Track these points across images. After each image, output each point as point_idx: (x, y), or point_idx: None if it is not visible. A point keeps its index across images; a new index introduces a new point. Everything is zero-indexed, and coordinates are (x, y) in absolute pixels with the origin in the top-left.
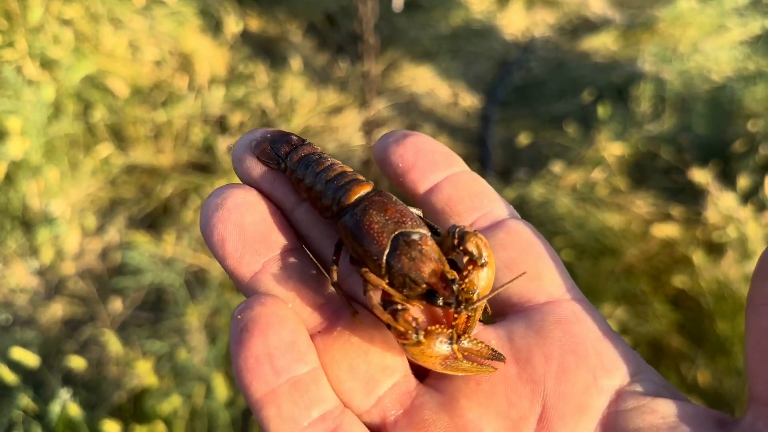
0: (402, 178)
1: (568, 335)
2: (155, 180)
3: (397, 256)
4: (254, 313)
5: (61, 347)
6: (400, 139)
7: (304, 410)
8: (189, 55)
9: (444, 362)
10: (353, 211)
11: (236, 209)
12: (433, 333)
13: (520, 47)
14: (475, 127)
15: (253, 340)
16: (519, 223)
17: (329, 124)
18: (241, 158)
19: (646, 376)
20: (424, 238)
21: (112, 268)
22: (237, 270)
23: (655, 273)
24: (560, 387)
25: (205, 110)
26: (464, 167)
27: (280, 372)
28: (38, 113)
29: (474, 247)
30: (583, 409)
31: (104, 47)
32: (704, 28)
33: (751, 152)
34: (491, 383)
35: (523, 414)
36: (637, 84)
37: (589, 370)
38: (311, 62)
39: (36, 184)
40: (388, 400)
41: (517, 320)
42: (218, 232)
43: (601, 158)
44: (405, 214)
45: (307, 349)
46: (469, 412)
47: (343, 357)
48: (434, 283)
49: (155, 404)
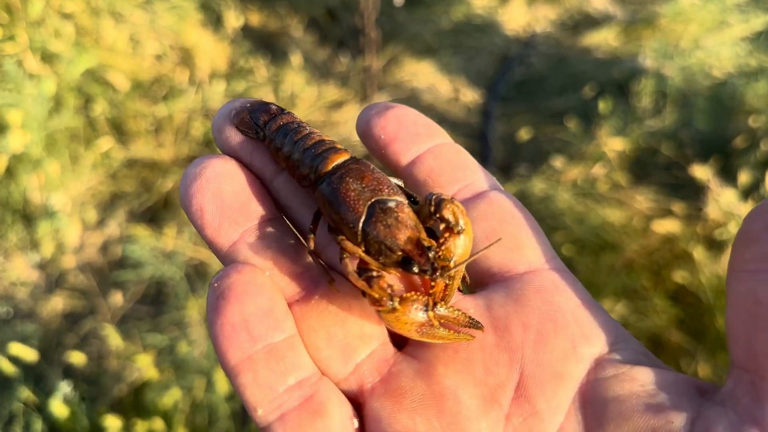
0: (384, 150)
1: (548, 304)
2: (156, 174)
3: (372, 224)
4: (231, 280)
5: (61, 340)
6: (381, 111)
7: (281, 377)
8: (190, 50)
9: (420, 329)
10: (330, 179)
11: (215, 179)
12: (408, 300)
13: (522, 43)
14: (476, 123)
15: (230, 307)
16: (500, 194)
17: (330, 119)
18: (220, 128)
19: (626, 345)
20: (401, 205)
21: (113, 261)
22: (215, 239)
23: (656, 268)
24: (538, 355)
25: (205, 104)
26: (447, 138)
27: (256, 339)
28: (39, 107)
29: (450, 214)
30: (561, 377)
31: (105, 41)
32: (705, 25)
33: (751, 148)
34: (469, 351)
35: (500, 381)
36: (638, 80)
37: (568, 338)
38: (312, 57)
39: (37, 177)
40: (365, 367)
41: (497, 289)
42: (197, 202)
43: (601, 154)
44: (382, 182)
45: (285, 317)
46: (445, 379)
47: (321, 325)
48: (410, 250)
49: (156, 397)
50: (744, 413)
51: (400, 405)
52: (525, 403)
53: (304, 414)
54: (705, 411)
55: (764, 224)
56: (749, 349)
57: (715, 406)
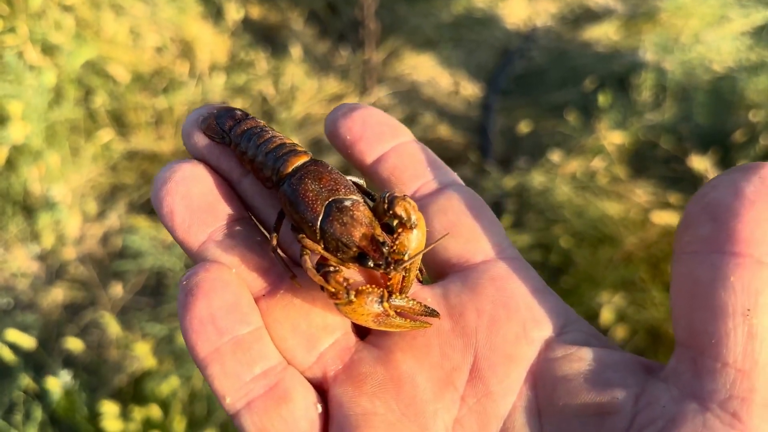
0: (350, 149)
1: (500, 291)
2: (156, 166)
3: (329, 222)
4: (198, 278)
5: (61, 331)
6: (347, 112)
7: (247, 367)
8: (190, 42)
9: (376, 319)
10: (290, 180)
11: (183, 182)
12: (363, 292)
13: (522, 36)
14: (476, 116)
15: (197, 303)
16: (460, 188)
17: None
18: (189, 133)
19: (576, 327)
20: (356, 204)
21: (113, 253)
22: (186, 240)
23: (654, 261)
24: (491, 339)
25: (205, 97)
26: (410, 137)
27: (223, 332)
28: (39, 98)
29: (402, 211)
30: (512, 359)
31: (105, 33)
32: (706, 19)
33: (751, 142)
34: (426, 337)
35: (455, 365)
36: (638, 73)
37: (519, 322)
38: (312, 50)
39: (37, 169)
40: (328, 356)
41: (455, 279)
42: (167, 204)
43: (601, 147)
44: (339, 182)
45: (250, 311)
46: (403, 365)
47: (286, 317)
48: (365, 246)
49: (155, 386)
50: (685, 388)
51: (360, 390)
52: (479, 384)
53: (270, 401)
54: (649, 387)
55: (701, 208)
56: (690, 327)
57: (659, 382)
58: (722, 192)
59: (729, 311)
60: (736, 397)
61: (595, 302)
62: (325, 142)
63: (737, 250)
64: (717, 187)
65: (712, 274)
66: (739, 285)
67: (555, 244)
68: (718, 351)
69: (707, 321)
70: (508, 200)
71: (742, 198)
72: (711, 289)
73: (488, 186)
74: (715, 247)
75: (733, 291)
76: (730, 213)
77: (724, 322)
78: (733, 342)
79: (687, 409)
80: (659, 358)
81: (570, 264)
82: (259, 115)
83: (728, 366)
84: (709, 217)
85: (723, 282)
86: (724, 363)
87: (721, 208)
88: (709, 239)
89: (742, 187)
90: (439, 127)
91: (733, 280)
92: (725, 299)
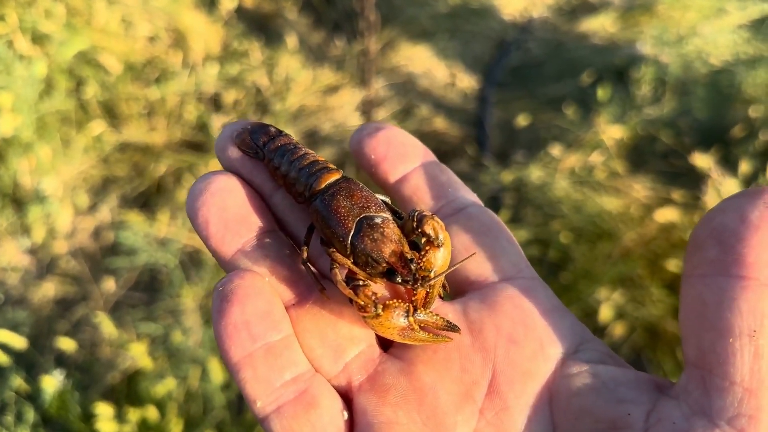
0: (374, 168)
1: (519, 309)
2: (148, 158)
3: (360, 238)
4: (233, 285)
5: (53, 327)
6: (372, 132)
7: (278, 372)
8: (183, 32)
9: (402, 333)
10: (323, 197)
11: (218, 194)
12: (390, 306)
13: (519, 28)
14: (473, 109)
15: (232, 309)
16: (479, 209)
17: (325, 104)
18: (223, 147)
19: (592, 346)
20: (386, 221)
21: (105, 247)
22: (219, 249)
23: (653, 257)
24: (509, 355)
25: (198, 88)
26: (432, 158)
27: (256, 338)
28: (29, 89)
29: (431, 229)
30: (530, 375)
31: (97, 22)
32: (703, 12)
33: (750, 137)
34: (447, 351)
35: (475, 379)
36: (636, 67)
37: (537, 340)
38: (307, 40)
39: (27, 161)
40: (354, 366)
41: (474, 297)
42: (202, 215)
43: (599, 141)
44: (370, 199)
45: (282, 318)
46: (425, 377)
47: (315, 327)
48: (394, 262)
49: (149, 386)
50: (695, 405)
51: (384, 400)
52: (497, 398)
53: (299, 406)
54: (660, 404)
55: (708, 232)
56: (698, 347)
57: (670, 399)
58: (728, 217)
59: (736, 332)
60: (744, 415)
61: (593, 299)
62: (320, 134)
63: (743, 273)
64: (723, 212)
65: (719, 297)
66: (746, 307)
67: (553, 239)
68: (726, 370)
69: (715, 341)
70: (506, 195)
71: (748, 223)
72: (718, 311)
73: (486, 180)
74: (722, 270)
75: (740, 313)
76: (736, 237)
77: (731, 343)
78: (740, 362)
79: (696, 425)
80: (657, 355)
81: (568, 260)
82: (252, 106)
83: (736, 385)
84: (716, 241)
85: (730, 304)
86: (732, 382)
87: (727, 232)
88: (716, 263)
89: (747, 212)
90: (435, 119)
91: (740, 302)
92: (732, 321)
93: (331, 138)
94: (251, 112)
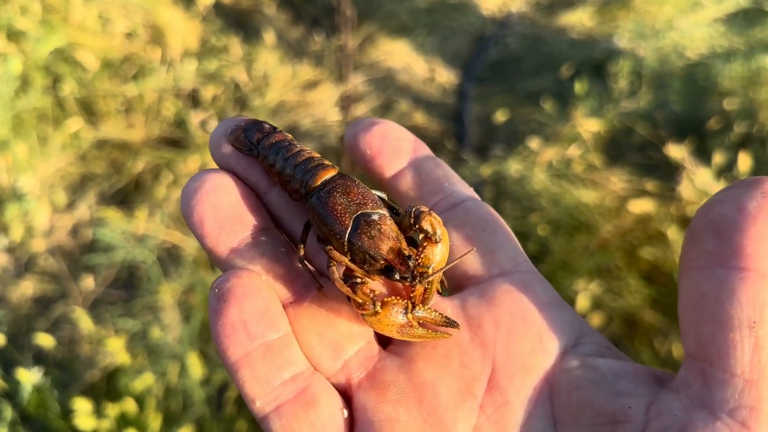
0: (370, 163)
1: (517, 303)
2: (126, 155)
3: (357, 235)
4: (230, 284)
5: (31, 325)
6: (367, 127)
7: (276, 371)
8: (160, 28)
9: (400, 330)
10: (319, 194)
11: (213, 192)
12: (389, 304)
13: (497, 22)
14: (452, 103)
15: (230, 308)
16: (477, 203)
17: (304, 99)
18: (217, 144)
19: (591, 339)
20: (383, 218)
21: (83, 244)
22: (215, 248)
23: (630, 248)
24: (509, 350)
25: (177, 84)
26: (428, 153)
27: (253, 337)
28: (5, 86)
29: (428, 225)
30: (529, 369)
31: (74, 19)
32: (679, 5)
33: (726, 129)
34: (446, 347)
35: (474, 374)
36: (613, 60)
37: (536, 334)
38: (285, 35)
39: (4, 159)
40: (353, 363)
41: (472, 292)
42: (197, 213)
43: (577, 134)
44: (366, 196)
45: (280, 317)
46: (425, 373)
47: (313, 325)
48: (391, 259)
49: (128, 382)
50: (695, 398)
51: (384, 397)
52: (497, 393)
53: (298, 405)
54: (660, 397)
55: (706, 224)
56: (698, 340)
57: (670, 392)
58: (726, 207)
59: (735, 324)
60: (745, 407)
61: (571, 290)
62: (300, 130)
63: (742, 265)
64: (720, 203)
65: (718, 289)
66: (745, 298)
67: (532, 232)
68: (726, 362)
69: (714, 333)
70: (485, 188)
71: (745, 214)
72: (717, 303)
73: (465, 174)
74: (720, 262)
75: (739, 304)
76: (734, 229)
77: (730, 335)
78: (740, 353)
79: (697, 417)
80: (635, 345)
81: (546, 252)
82: (231, 102)
83: (736, 376)
84: (714, 232)
85: (729, 295)
86: (732, 373)
87: (724, 223)
88: (714, 254)
89: (744, 202)
90: (414, 114)
91: (739, 293)
92: (731, 312)
93: (311, 133)
94: (230, 108)
